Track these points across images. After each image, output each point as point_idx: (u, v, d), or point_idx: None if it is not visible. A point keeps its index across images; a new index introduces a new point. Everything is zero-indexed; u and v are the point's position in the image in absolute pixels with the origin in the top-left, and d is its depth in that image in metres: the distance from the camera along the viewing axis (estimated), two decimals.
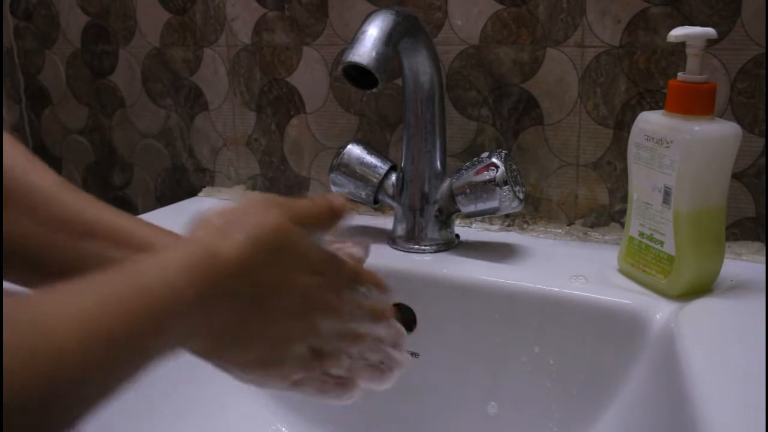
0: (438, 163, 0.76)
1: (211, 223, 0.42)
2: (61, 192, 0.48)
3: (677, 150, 0.59)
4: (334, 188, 0.81)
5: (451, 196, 0.74)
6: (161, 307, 0.36)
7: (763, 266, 0.70)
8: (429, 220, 0.76)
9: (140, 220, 0.51)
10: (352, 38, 0.64)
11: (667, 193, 0.61)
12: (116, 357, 0.33)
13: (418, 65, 0.72)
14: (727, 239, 0.68)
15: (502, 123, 0.82)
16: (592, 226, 0.81)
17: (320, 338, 0.47)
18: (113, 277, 0.36)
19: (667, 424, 0.52)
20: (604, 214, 0.80)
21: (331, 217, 0.48)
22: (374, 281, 0.51)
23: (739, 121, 0.68)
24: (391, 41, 0.64)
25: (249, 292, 0.42)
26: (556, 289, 0.67)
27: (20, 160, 0.48)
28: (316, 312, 0.47)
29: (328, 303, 0.47)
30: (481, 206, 0.72)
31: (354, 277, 0.50)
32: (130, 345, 0.34)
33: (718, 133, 0.59)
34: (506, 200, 0.71)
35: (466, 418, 0.72)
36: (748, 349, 0.53)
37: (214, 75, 0.99)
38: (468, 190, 0.73)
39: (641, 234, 0.65)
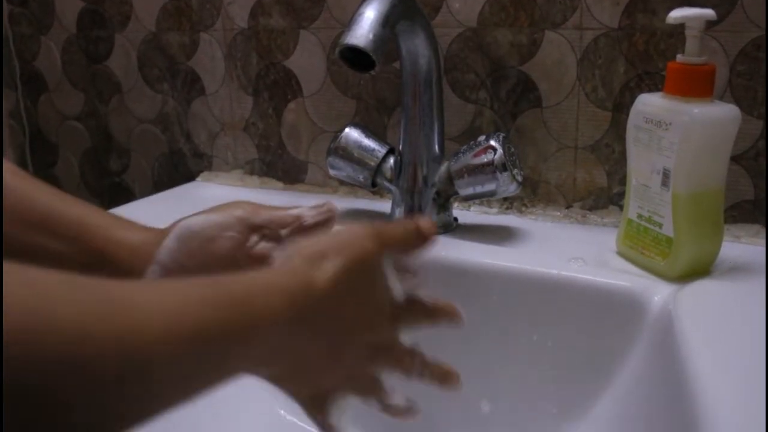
0: (436, 147, 0.76)
1: (306, 253, 0.42)
2: (16, 181, 0.48)
3: (676, 132, 0.59)
4: (332, 172, 0.81)
5: (449, 179, 0.74)
6: (255, 321, 0.36)
7: (761, 248, 0.69)
8: (427, 204, 0.76)
9: (93, 206, 0.51)
10: (349, 20, 0.64)
11: (665, 176, 0.61)
12: (200, 354, 0.33)
13: (416, 48, 0.71)
14: (726, 222, 0.68)
15: (500, 106, 0.81)
16: (590, 209, 0.81)
17: (381, 393, 0.48)
18: (212, 282, 0.36)
19: (666, 405, 0.52)
20: (603, 196, 0.80)
21: (420, 240, 0.48)
22: (450, 315, 0.51)
23: (738, 104, 0.68)
24: (388, 23, 0.64)
25: (331, 324, 0.42)
26: (555, 271, 0.67)
27: (17, 175, 0.48)
28: (383, 360, 0.47)
29: (399, 359, 0.48)
30: (479, 189, 0.72)
31: (431, 315, 0.49)
32: (217, 346, 0.34)
33: (717, 115, 0.59)
34: (504, 183, 0.71)
35: (464, 400, 0.72)
36: (747, 331, 0.53)
37: (210, 60, 0.98)
38: (466, 173, 0.73)
39: (640, 216, 0.65)
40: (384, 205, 0.84)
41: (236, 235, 0.50)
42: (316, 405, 0.48)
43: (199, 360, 0.33)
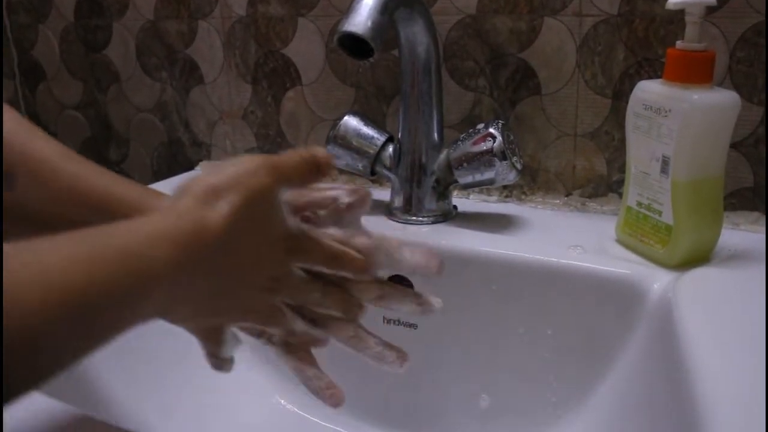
0: (435, 134, 0.75)
1: (197, 191, 0.41)
2: (66, 162, 0.48)
3: (676, 119, 0.59)
4: None
5: (449, 167, 0.74)
6: (140, 276, 0.35)
7: (761, 236, 0.69)
8: (426, 192, 0.76)
9: (145, 187, 0.50)
10: (348, 8, 0.64)
11: (665, 163, 0.61)
12: (88, 315, 0.32)
13: (415, 35, 0.71)
14: (725, 209, 0.67)
15: (500, 93, 0.81)
16: (590, 197, 0.80)
17: (283, 319, 0.47)
18: (94, 236, 0.35)
19: (665, 392, 0.52)
20: (602, 184, 0.79)
21: (317, 171, 0.47)
22: (354, 265, 0.48)
23: (737, 90, 0.67)
24: (386, 10, 0.64)
25: (227, 265, 0.42)
26: (554, 259, 0.66)
27: (21, 131, 0.47)
28: (279, 290, 0.46)
29: (297, 288, 0.47)
30: (479, 177, 0.72)
31: (331, 260, 0.48)
32: (105, 306, 0.33)
33: (717, 101, 0.59)
34: (504, 171, 0.71)
35: (464, 388, 0.72)
36: (746, 318, 0.53)
37: (209, 48, 0.98)
38: (465, 161, 0.72)
39: (639, 204, 0.65)
40: (383, 194, 0.84)
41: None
42: (210, 336, 0.47)
43: (88, 322, 0.32)
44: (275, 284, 0.46)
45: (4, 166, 0.45)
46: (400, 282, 0.58)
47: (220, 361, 0.49)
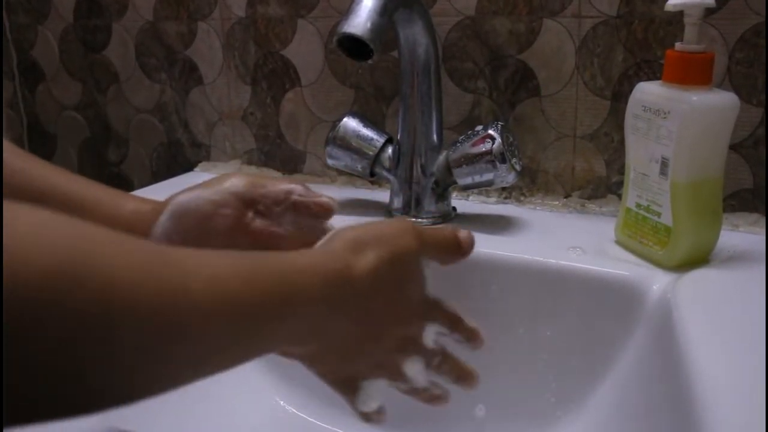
0: (434, 136, 0.76)
1: (347, 238, 0.43)
2: (12, 158, 0.48)
3: (675, 120, 0.59)
4: (330, 161, 0.81)
5: (448, 168, 0.74)
6: (290, 300, 0.36)
7: (760, 237, 0.69)
8: (426, 193, 0.76)
9: (90, 180, 0.51)
10: (347, 9, 0.64)
11: (664, 164, 0.61)
12: (238, 322, 0.33)
13: (414, 36, 0.71)
14: (725, 210, 0.68)
15: (499, 95, 0.81)
16: (589, 198, 0.80)
17: (400, 376, 0.48)
18: (250, 256, 0.36)
19: (665, 393, 0.52)
20: (602, 185, 0.79)
21: (457, 250, 0.49)
22: (470, 334, 0.51)
23: (736, 92, 0.68)
24: (386, 12, 0.64)
25: (367, 313, 0.43)
26: (554, 260, 0.66)
27: (5, 147, 0.48)
28: (411, 352, 0.47)
29: (425, 349, 0.48)
30: (478, 178, 0.72)
31: (452, 325, 0.50)
32: (254, 318, 0.34)
33: (716, 103, 0.59)
34: (503, 172, 0.71)
35: (462, 389, 0.72)
36: (745, 319, 0.53)
37: (208, 49, 0.98)
38: (464, 163, 0.72)
39: (638, 205, 0.65)
40: (382, 195, 0.84)
41: (232, 211, 0.50)
42: (343, 387, 0.48)
43: (231, 330, 0.33)
44: (408, 345, 0.47)
45: None
46: None
47: (363, 415, 0.50)
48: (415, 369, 0.48)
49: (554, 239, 0.71)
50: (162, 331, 0.29)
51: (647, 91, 0.62)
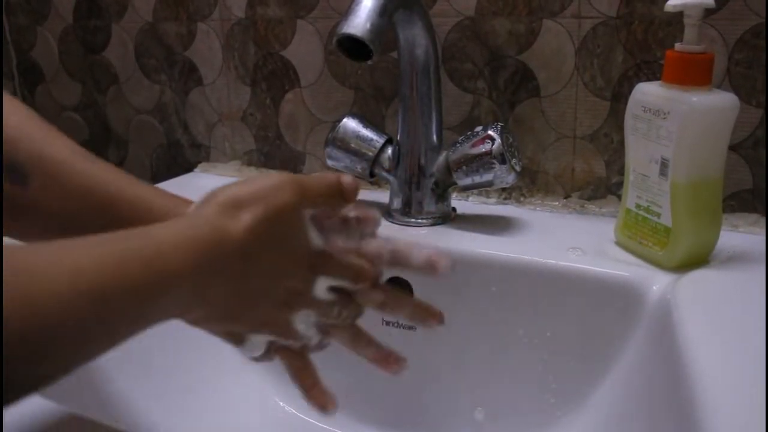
0: (434, 136, 0.75)
1: (221, 201, 0.42)
2: (80, 162, 0.48)
3: (674, 121, 0.59)
4: (330, 162, 0.81)
5: (448, 169, 0.74)
6: (160, 277, 0.36)
7: (760, 237, 0.69)
8: (425, 194, 0.76)
9: (159, 189, 0.51)
10: (346, 9, 0.64)
11: (664, 165, 0.61)
12: (108, 310, 0.33)
13: (414, 37, 0.71)
14: (724, 211, 0.68)
15: (499, 95, 0.81)
16: (589, 199, 0.80)
17: (293, 329, 0.48)
18: (115, 239, 0.36)
19: (665, 394, 0.52)
20: (601, 186, 0.79)
21: (340, 197, 0.48)
22: (370, 276, 0.49)
23: (736, 92, 0.68)
24: (385, 12, 0.64)
25: (246, 275, 0.42)
26: (553, 261, 0.66)
27: (37, 131, 0.48)
28: (299, 306, 0.47)
29: (313, 302, 0.48)
30: (478, 179, 0.72)
31: (355, 275, 0.49)
32: (123, 303, 0.34)
33: (716, 103, 0.59)
34: (503, 173, 0.71)
35: (463, 390, 0.72)
36: (745, 320, 0.53)
37: (208, 50, 0.98)
38: (464, 163, 0.72)
39: (638, 206, 0.65)
40: (382, 196, 0.84)
41: None
42: (230, 338, 0.48)
43: (102, 321, 0.33)
44: (294, 299, 0.47)
45: (19, 163, 0.45)
46: (399, 285, 0.58)
47: (248, 358, 0.50)
48: (304, 323, 0.48)
49: (554, 240, 0.71)
50: (30, 340, 0.29)
51: (647, 92, 0.62)
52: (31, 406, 0.47)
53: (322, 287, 0.48)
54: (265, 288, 0.45)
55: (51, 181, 0.46)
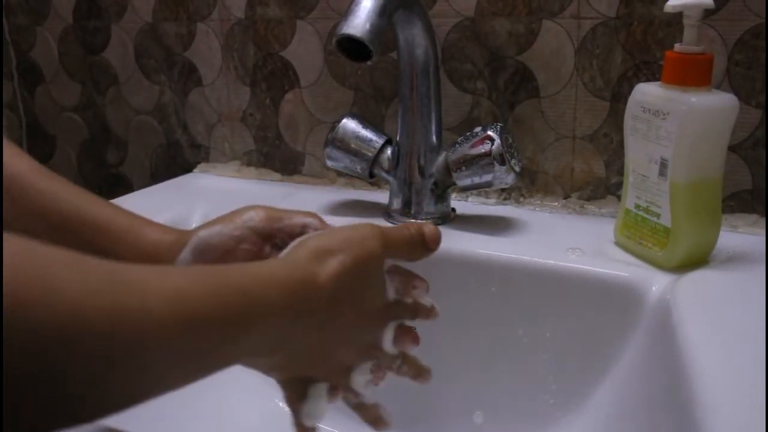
0: (433, 137, 0.75)
1: (311, 247, 0.43)
2: (37, 179, 0.48)
3: (674, 121, 0.59)
4: (329, 163, 0.81)
5: (447, 169, 0.74)
6: (253, 312, 0.36)
7: (759, 238, 0.69)
8: (425, 194, 0.76)
9: (119, 208, 0.51)
10: (346, 10, 0.64)
11: (663, 165, 0.61)
12: (196, 340, 0.33)
13: (413, 38, 0.71)
14: (724, 211, 0.68)
15: (498, 96, 0.81)
16: (588, 199, 0.80)
17: (348, 386, 0.49)
18: (210, 271, 0.36)
19: (664, 394, 0.52)
20: (601, 186, 0.79)
21: (423, 246, 0.49)
22: (428, 313, 0.52)
23: (735, 93, 0.68)
24: (385, 13, 0.64)
25: (330, 320, 0.43)
26: (552, 262, 0.66)
27: (28, 164, 0.48)
28: (371, 357, 0.48)
29: (384, 354, 0.49)
30: (477, 179, 0.72)
31: (413, 314, 0.51)
32: (218, 334, 0.34)
33: (715, 104, 0.59)
34: (502, 173, 0.71)
35: (462, 390, 0.72)
36: (745, 320, 0.53)
37: (207, 50, 0.98)
38: (464, 164, 0.72)
39: (637, 206, 0.65)
40: (382, 196, 0.84)
41: (251, 246, 0.50)
42: (296, 391, 0.49)
43: (194, 346, 0.33)
44: (371, 350, 0.48)
45: None
46: None
47: (302, 428, 0.50)
48: (362, 380, 0.49)
49: (553, 240, 0.71)
50: (119, 350, 0.29)
51: (646, 92, 0.62)
52: None
53: (389, 338, 0.49)
54: (346, 337, 0.45)
55: (11, 200, 0.46)
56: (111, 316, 0.28)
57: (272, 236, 0.51)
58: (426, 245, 0.49)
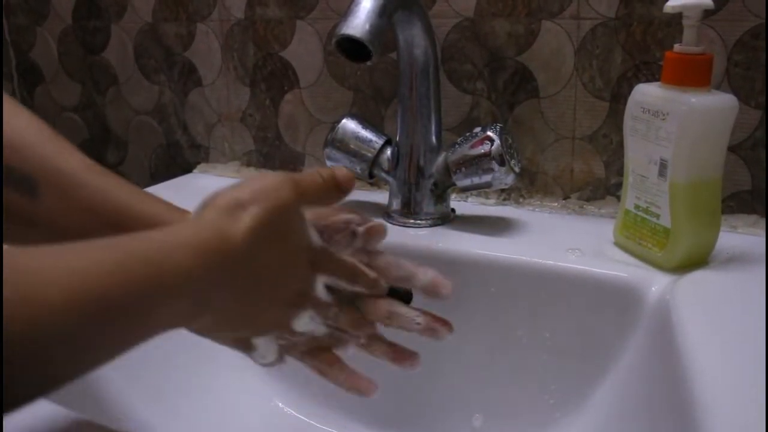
0: (433, 137, 0.75)
1: (221, 204, 0.42)
2: (89, 175, 0.48)
3: (674, 122, 0.59)
4: (329, 163, 0.81)
5: (447, 170, 0.74)
6: (162, 278, 0.35)
7: (759, 239, 0.69)
8: (424, 195, 0.76)
9: (170, 204, 0.50)
10: (345, 10, 0.64)
11: (663, 166, 0.61)
12: (108, 318, 0.32)
13: (413, 38, 0.71)
14: (723, 212, 0.68)
15: (498, 96, 0.81)
16: (588, 200, 0.80)
17: (291, 331, 0.48)
18: (115, 241, 0.35)
19: (664, 395, 0.52)
20: (600, 187, 0.79)
21: (337, 190, 0.48)
22: (369, 280, 0.51)
23: (735, 93, 0.67)
24: (385, 13, 0.64)
25: (251, 277, 0.42)
26: (552, 262, 0.66)
27: (47, 143, 0.48)
28: (303, 306, 0.47)
29: (317, 301, 0.48)
30: (477, 180, 0.72)
31: (352, 275, 0.50)
32: (125, 310, 0.33)
33: (715, 104, 0.59)
34: (502, 174, 0.71)
35: (462, 390, 0.72)
36: (744, 321, 0.53)
37: (207, 50, 0.98)
38: (463, 164, 0.72)
39: (637, 207, 0.65)
40: (381, 197, 0.84)
41: None
42: (239, 347, 0.48)
43: (107, 326, 0.33)
44: (300, 299, 0.47)
45: (27, 174, 0.45)
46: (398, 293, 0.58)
47: (260, 364, 0.50)
48: (304, 322, 0.48)
49: (553, 241, 0.71)
50: (13, 344, 0.28)
51: (646, 93, 0.62)
52: (31, 407, 0.47)
53: (321, 286, 0.48)
54: (270, 288, 0.44)
55: (63, 196, 0.46)
56: (14, 308, 0.28)
57: (320, 231, 0.50)
58: (339, 187, 0.48)
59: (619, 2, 0.73)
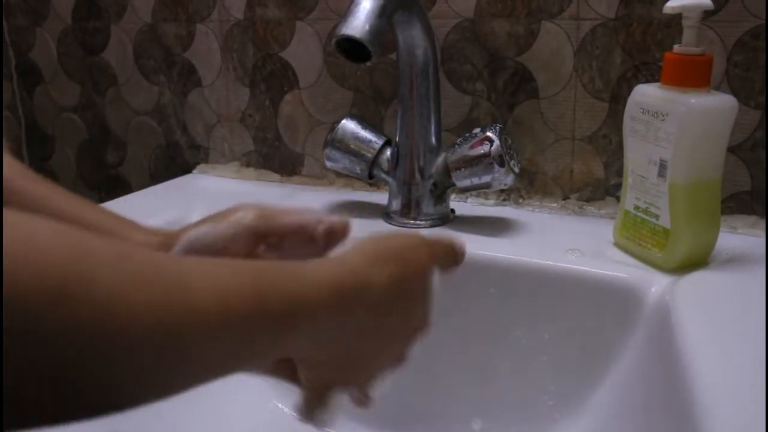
0: (433, 138, 0.76)
1: (367, 250, 0.42)
2: (23, 182, 0.48)
3: (673, 122, 0.59)
4: (328, 164, 0.81)
5: (446, 170, 0.74)
6: (298, 315, 0.36)
7: (758, 239, 0.69)
8: (424, 195, 0.76)
9: (102, 209, 0.51)
10: (345, 11, 0.64)
11: (662, 167, 0.61)
12: (247, 333, 0.33)
13: (413, 39, 0.71)
14: (723, 213, 0.68)
15: (497, 97, 0.81)
16: (587, 200, 0.80)
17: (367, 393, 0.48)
18: (259, 269, 0.36)
19: (664, 395, 0.52)
20: (600, 188, 0.79)
21: (455, 260, 0.49)
22: None
23: (734, 94, 0.67)
24: (385, 14, 0.64)
25: (376, 327, 0.42)
26: (552, 263, 0.66)
27: (11, 167, 0.48)
28: (397, 368, 0.48)
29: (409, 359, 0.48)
30: (476, 181, 0.72)
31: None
32: (258, 332, 0.34)
33: (715, 105, 0.59)
34: (501, 174, 0.71)
35: (461, 391, 0.72)
36: (744, 321, 0.53)
37: (207, 51, 0.98)
38: (463, 165, 0.72)
39: (636, 207, 0.65)
40: (381, 197, 0.84)
41: (244, 246, 0.50)
42: (316, 395, 0.48)
43: (235, 344, 0.33)
44: (399, 362, 0.47)
45: None
46: None
47: (311, 419, 0.49)
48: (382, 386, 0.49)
49: (552, 241, 0.71)
50: (162, 349, 0.28)
51: (646, 94, 0.62)
52: None
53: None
54: (385, 346, 0.45)
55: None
56: (157, 312, 0.28)
57: (266, 235, 0.50)
58: (457, 258, 0.49)
59: (619, 3, 0.73)
